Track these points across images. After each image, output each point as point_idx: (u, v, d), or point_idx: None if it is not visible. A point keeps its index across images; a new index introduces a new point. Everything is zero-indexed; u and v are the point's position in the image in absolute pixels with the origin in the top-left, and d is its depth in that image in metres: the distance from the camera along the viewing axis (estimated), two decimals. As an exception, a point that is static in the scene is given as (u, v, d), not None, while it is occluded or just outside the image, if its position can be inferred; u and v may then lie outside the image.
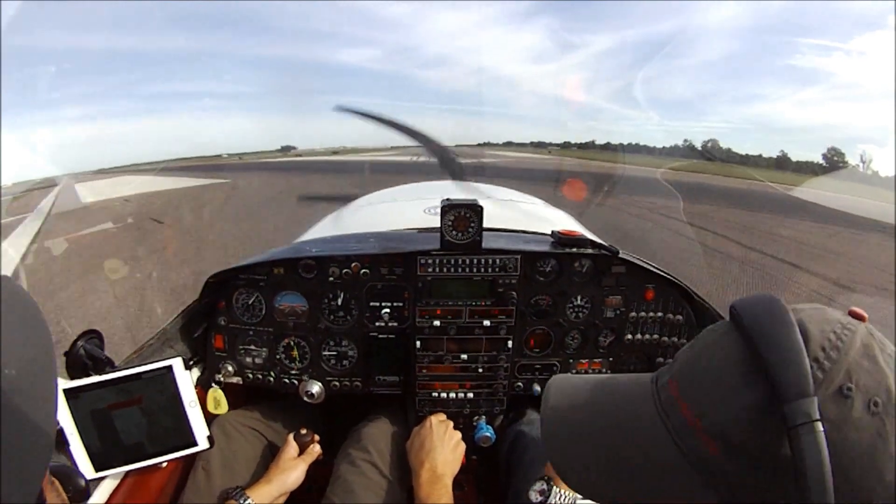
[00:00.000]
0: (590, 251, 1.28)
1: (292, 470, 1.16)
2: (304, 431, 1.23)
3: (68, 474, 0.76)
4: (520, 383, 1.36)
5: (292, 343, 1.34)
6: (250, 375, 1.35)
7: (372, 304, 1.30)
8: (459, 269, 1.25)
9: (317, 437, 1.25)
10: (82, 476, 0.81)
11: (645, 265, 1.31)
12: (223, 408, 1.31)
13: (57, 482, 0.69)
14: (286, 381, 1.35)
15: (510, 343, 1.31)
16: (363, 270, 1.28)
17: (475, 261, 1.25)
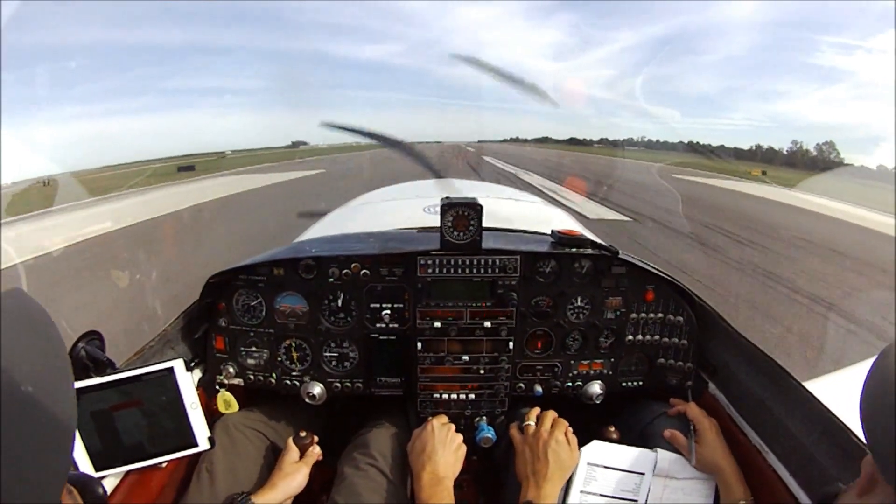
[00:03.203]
0: (590, 251, 1.28)
1: (295, 474, 1.16)
2: (303, 434, 1.23)
3: (86, 482, 0.76)
4: (521, 384, 1.36)
5: (293, 345, 1.34)
6: (252, 377, 1.35)
7: (372, 305, 1.30)
8: (459, 270, 1.25)
9: (316, 439, 1.25)
10: (100, 485, 0.81)
11: (645, 266, 1.31)
12: (234, 408, 1.31)
13: (75, 491, 0.70)
14: (287, 382, 1.35)
15: (511, 344, 1.31)
16: (363, 271, 1.28)
17: (475, 261, 1.25)
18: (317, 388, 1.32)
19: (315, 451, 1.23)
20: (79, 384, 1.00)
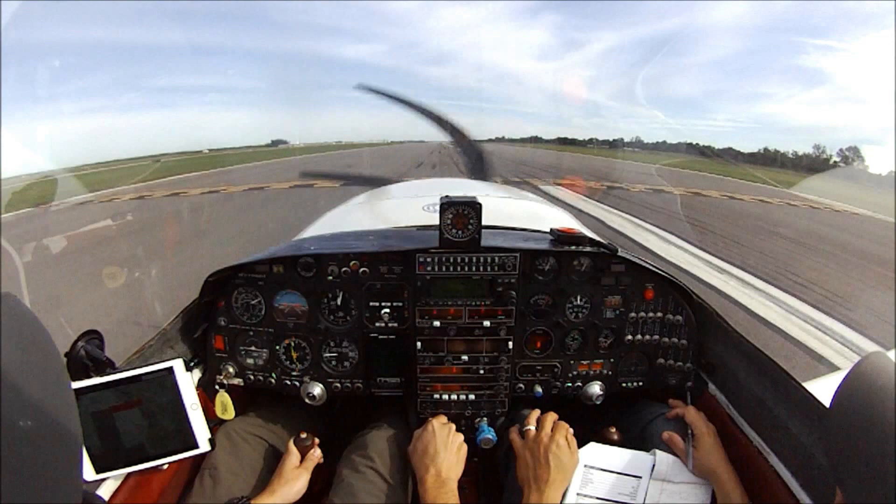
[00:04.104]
0: (589, 249, 1.28)
1: (296, 480, 1.16)
2: (304, 436, 1.23)
3: (90, 502, 0.76)
4: (521, 384, 1.36)
5: (292, 344, 1.33)
6: (251, 377, 1.35)
7: (371, 304, 1.30)
8: (458, 268, 1.25)
9: (316, 441, 1.25)
10: (100, 498, 0.80)
11: (644, 264, 1.31)
12: (230, 412, 1.30)
13: None
14: (287, 382, 1.34)
15: (510, 344, 1.31)
16: (362, 269, 1.28)
17: (474, 259, 1.24)
18: (317, 389, 1.31)
19: (315, 455, 1.22)
20: (79, 384, 1.00)
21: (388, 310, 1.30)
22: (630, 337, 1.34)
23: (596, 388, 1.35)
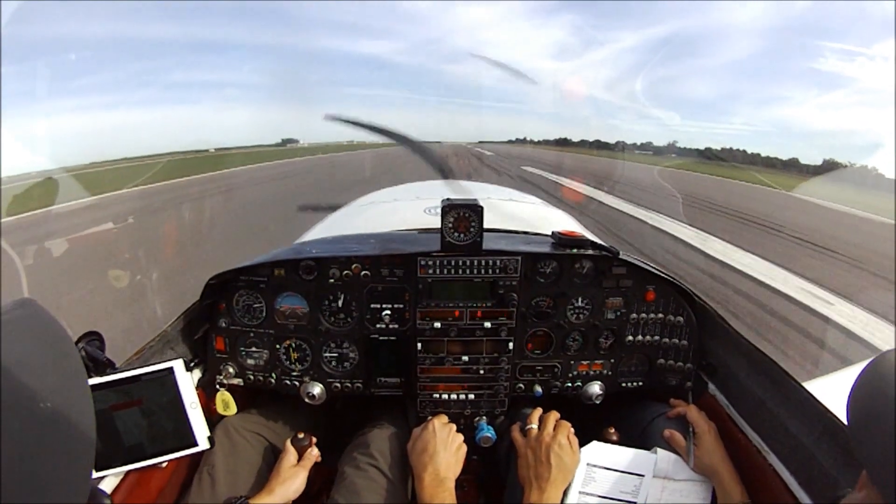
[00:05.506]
0: (590, 252, 1.28)
1: (294, 479, 1.16)
2: (301, 435, 1.23)
3: (93, 494, 0.76)
4: (521, 384, 1.36)
5: (293, 345, 1.34)
6: (251, 377, 1.35)
7: (372, 305, 1.30)
8: (460, 271, 1.25)
9: (314, 440, 1.24)
10: (107, 496, 0.80)
11: (646, 266, 1.32)
12: (232, 409, 1.31)
13: None
14: (287, 382, 1.35)
15: (511, 345, 1.31)
16: (364, 272, 1.28)
17: (475, 262, 1.25)
18: (316, 389, 1.32)
19: (313, 454, 1.22)
20: None
21: (388, 312, 1.30)
22: (631, 338, 1.34)
23: (595, 388, 1.35)
